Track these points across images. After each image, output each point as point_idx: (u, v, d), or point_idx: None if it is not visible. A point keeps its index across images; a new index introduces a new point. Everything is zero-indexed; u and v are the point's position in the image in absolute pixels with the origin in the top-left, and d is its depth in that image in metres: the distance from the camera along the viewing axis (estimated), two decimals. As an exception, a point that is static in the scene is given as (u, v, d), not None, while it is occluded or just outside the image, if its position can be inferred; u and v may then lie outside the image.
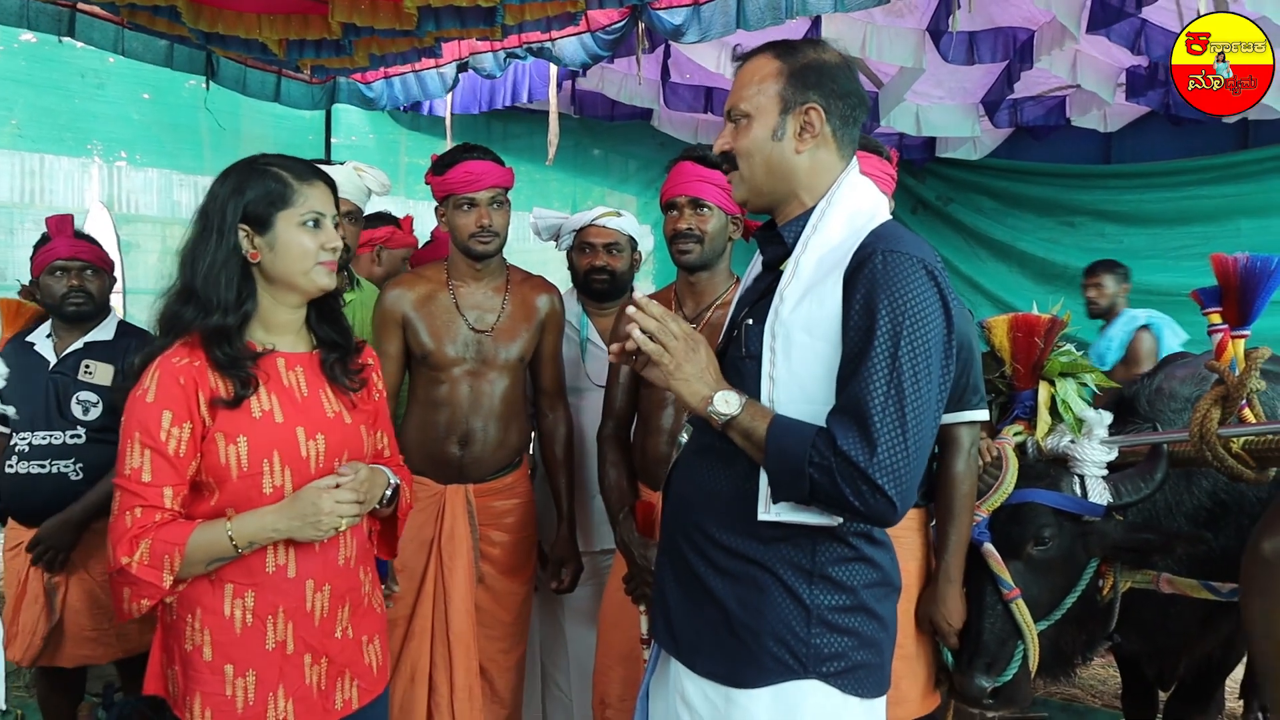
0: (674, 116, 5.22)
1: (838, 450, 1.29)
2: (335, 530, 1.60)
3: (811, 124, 1.47)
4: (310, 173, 1.67)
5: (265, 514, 1.56)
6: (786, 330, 1.39)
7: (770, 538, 1.41)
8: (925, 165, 6.00)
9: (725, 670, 1.44)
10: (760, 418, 1.37)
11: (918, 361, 1.31)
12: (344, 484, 1.60)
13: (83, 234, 2.85)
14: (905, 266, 1.34)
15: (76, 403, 2.66)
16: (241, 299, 1.61)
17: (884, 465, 1.28)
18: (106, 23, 3.57)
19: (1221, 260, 2.06)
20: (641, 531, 2.19)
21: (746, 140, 1.48)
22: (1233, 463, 1.99)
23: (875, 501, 1.29)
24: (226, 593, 1.59)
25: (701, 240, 2.21)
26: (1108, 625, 2.22)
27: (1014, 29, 4.10)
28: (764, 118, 1.47)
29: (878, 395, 1.30)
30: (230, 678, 1.59)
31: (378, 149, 5.31)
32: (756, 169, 1.49)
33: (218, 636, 1.59)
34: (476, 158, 2.40)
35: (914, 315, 1.32)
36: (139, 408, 1.55)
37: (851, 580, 1.42)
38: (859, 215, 1.45)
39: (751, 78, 1.49)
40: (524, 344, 2.50)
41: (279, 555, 1.61)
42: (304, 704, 1.64)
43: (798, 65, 1.47)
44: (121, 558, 1.51)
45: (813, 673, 1.40)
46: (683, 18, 3.44)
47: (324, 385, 1.70)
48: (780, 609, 1.40)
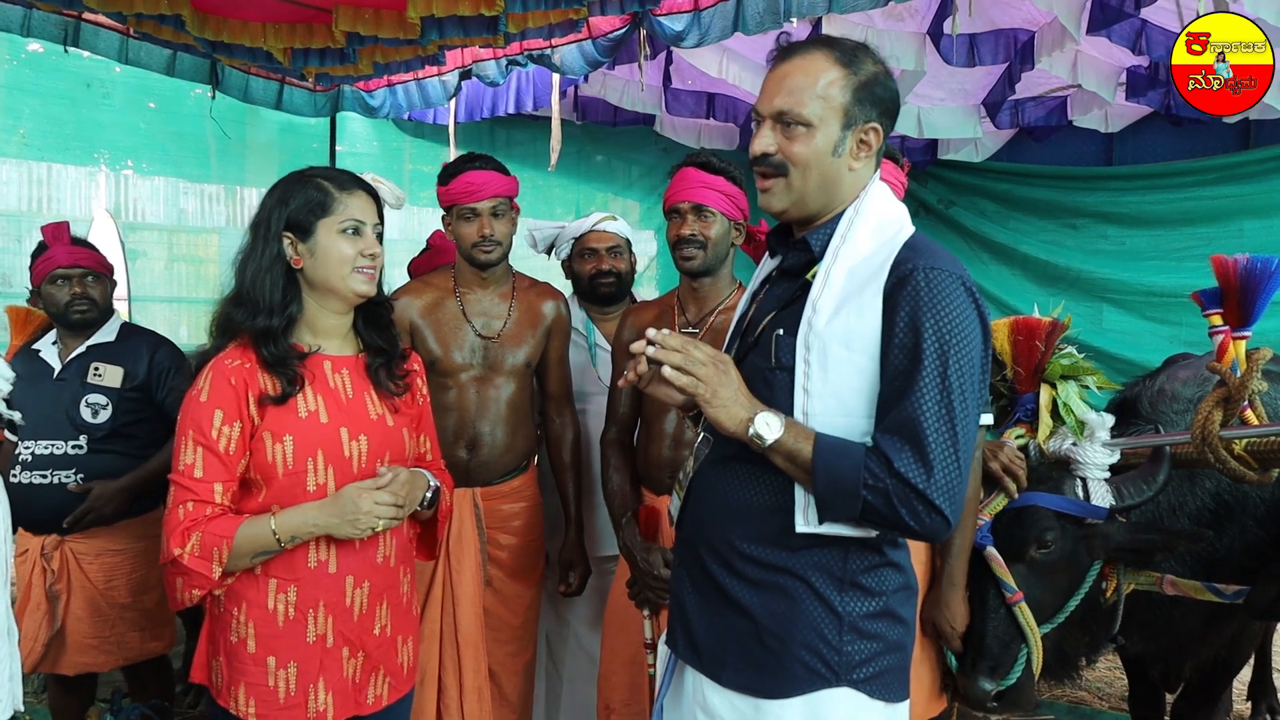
0: (676, 122, 5.23)
1: (895, 472, 1.29)
2: (372, 530, 1.65)
3: (869, 144, 1.44)
4: (352, 182, 1.74)
5: (307, 510, 1.63)
6: (823, 343, 1.37)
7: (801, 546, 1.40)
8: (927, 168, 6.00)
9: (754, 681, 1.42)
10: (803, 439, 1.34)
11: (965, 381, 1.32)
12: (384, 486, 1.65)
13: (80, 240, 2.87)
14: (948, 285, 1.34)
15: (85, 405, 2.67)
16: (286, 302, 1.68)
17: (941, 486, 1.29)
18: (111, 32, 3.60)
19: (1222, 261, 2.06)
20: (644, 535, 2.20)
21: (806, 150, 1.41)
22: (1235, 464, 1.98)
23: (932, 521, 1.30)
24: (270, 587, 1.66)
25: (705, 246, 2.22)
26: (1111, 628, 2.22)
27: (1014, 30, 4.10)
28: (827, 130, 1.41)
29: (930, 416, 1.30)
30: (273, 669, 1.66)
31: (382, 156, 5.32)
32: (810, 181, 1.43)
33: (261, 629, 1.66)
34: (478, 168, 2.42)
35: (959, 335, 1.32)
36: (193, 407, 1.63)
37: (881, 586, 1.42)
38: (887, 224, 1.44)
39: (811, 82, 1.40)
40: (530, 350, 2.52)
41: (320, 551, 1.67)
42: (342, 696, 1.71)
43: (863, 78, 1.42)
44: (174, 549, 1.58)
45: (844, 680, 1.39)
46: (683, 23, 3.46)
47: (369, 388, 1.76)
48: (812, 617, 1.40)
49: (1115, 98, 4.53)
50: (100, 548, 2.69)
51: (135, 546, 2.72)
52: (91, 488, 2.62)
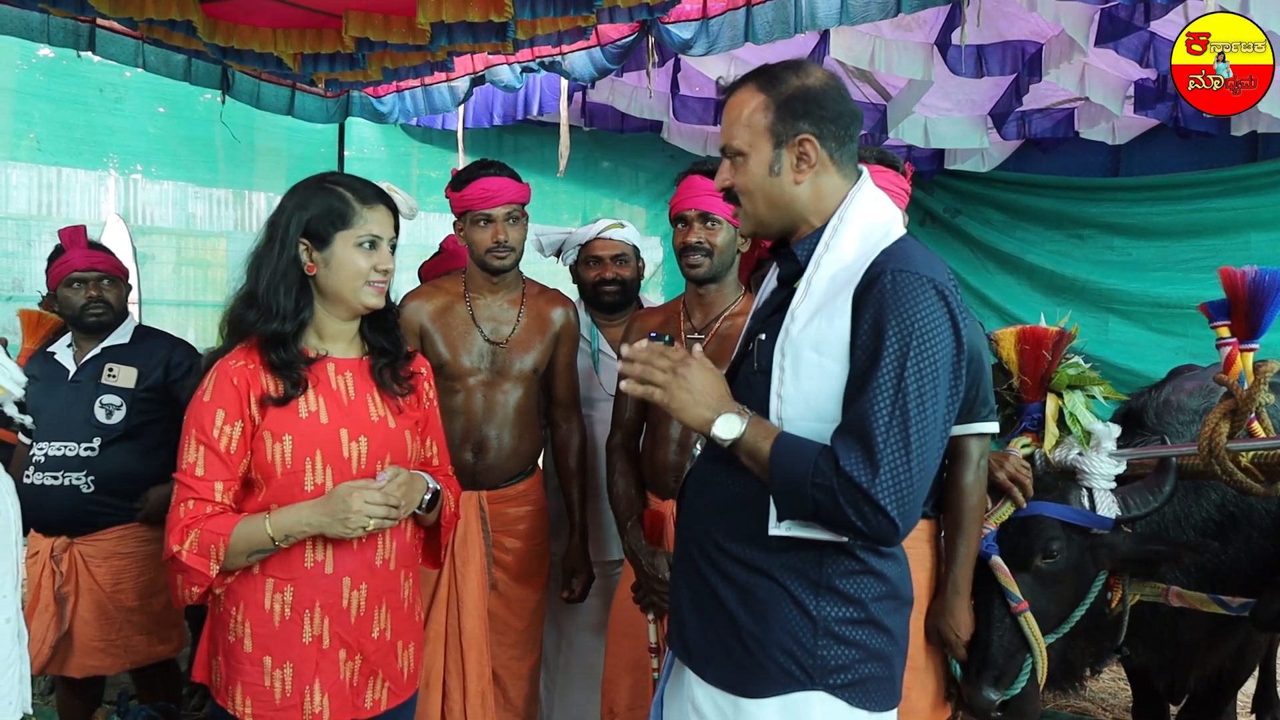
0: (683, 129, 5.25)
1: (840, 471, 1.30)
2: (363, 530, 1.65)
3: (807, 155, 1.46)
4: (373, 195, 1.74)
5: (300, 509, 1.64)
6: (796, 348, 1.40)
7: (778, 549, 1.42)
8: (934, 178, 6.01)
9: (734, 679, 1.44)
10: (765, 437, 1.37)
11: (924, 382, 1.32)
12: (376, 486, 1.65)
13: (97, 244, 2.89)
14: (914, 286, 1.34)
15: (100, 406, 2.69)
16: (299, 308, 1.70)
17: (886, 487, 1.29)
18: (126, 38, 3.62)
19: (1230, 274, 2.06)
20: (649, 540, 2.20)
21: (744, 178, 1.48)
22: (1242, 476, 1.99)
23: (877, 522, 1.30)
24: (267, 587, 1.67)
25: (711, 254, 2.23)
26: (1116, 638, 2.22)
27: (1022, 42, 4.11)
28: (758, 154, 1.46)
29: (881, 416, 1.30)
30: (269, 669, 1.67)
31: (390, 162, 5.34)
32: (759, 205, 1.49)
33: (258, 629, 1.67)
34: (493, 174, 2.44)
35: (921, 336, 1.32)
36: (197, 406, 1.65)
37: (859, 593, 1.43)
38: (873, 231, 1.45)
39: (739, 113, 1.48)
40: (538, 355, 2.54)
41: (317, 551, 1.68)
42: (338, 699, 1.70)
43: (783, 96, 1.45)
44: (173, 545, 1.60)
45: (819, 684, 1.40)
46: (691, 31, 3.47)
47: (372, 390, 1.77)
48: (787, 620, 1.41)
49: (1123, 110, 4.54)
50: (108, 551, 2.70)
51: (143, 550, 2.74)
52: (148, 495, 2.70)
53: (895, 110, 4.90)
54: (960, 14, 3.34)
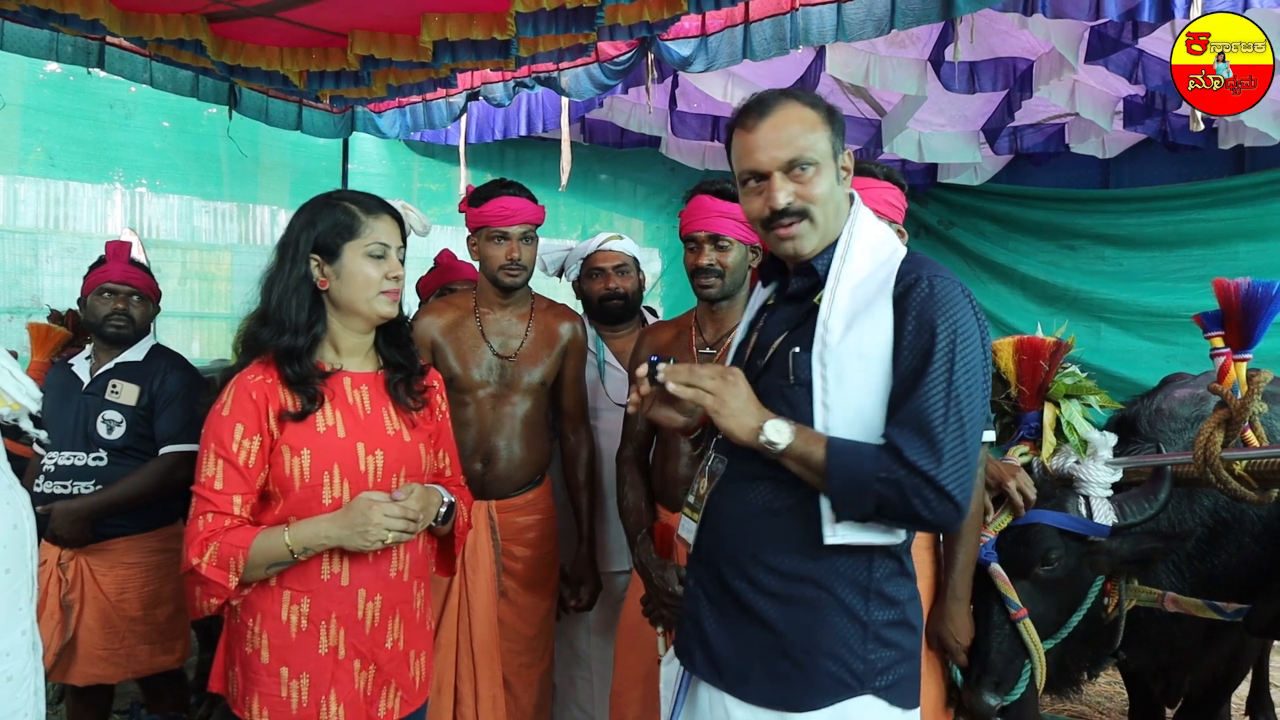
0: (682, 144, 5.29)
1: (905, 461, 1.33)
2: (382, 543, 1.67)
3: (848, 168, 1.55)
4: (378, 207, 1.78)
5: (319, 522, 1.65)
6: (838, 359, 1.42)
7: (828, 556, 1.43)
8: (927, 190, 6.06)
9: (779, 695, 1.43)
10: (814, 442, 1.39)
11: (971, 377, 1.37)
12: (396, 500, 1.67)
13: (138, 262, 2.93)
14: (952, 289, 1.41)
15: (102, 421, 2.71)
16: (312, 322, 1.72)
17: (949, 473, 1.33)
18: (134, 55, 3.65)
19: (1224, 285, 2.08)
20: (659, 553, 2.20)
21: (820, 189, 1.49)
22: (1236, 485, 2.02)
23: (943, 508, 1.34)
24: (284, 599, 1.69)
25: (723, 275, 2.25)
26: (1113, 643, 2.25)
27: (1014, 59, 4.16)
28: (827, 164, 1.50)
29: (939, 407, 1.35)
30: (285, 679, 1.68)
31: (392, 176, 5.37)
32: (829, 215, 1.52)
33: (275, 640, 1.68)
34: (512, 194, 2.48)
35: (964, 334, 1.39)
36: (215, 421, 1.67)
37: (899, 594, 1.47)
38: (881, 246, 1.51)
39: (802, 127, 1.49)
40: (546, 369, 2.58)
41: (333, 564, 1.70)
42: (353, 708, 1.72)
43: (827, 111, 1.53)
44: (193, 559, 1.61)
45: (869, 688, 1.42)
46: (691, 48, 3.50)
47: (387, 404, 1.79)
48: (837, 627, 1.42)
49: (1112, 125, 4.60)
50: (114, 560, 2.71)
51: (148, 560, 2.75)
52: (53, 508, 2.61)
53: (890, 125, 4.96)
54: (953, 31, 3.39)
